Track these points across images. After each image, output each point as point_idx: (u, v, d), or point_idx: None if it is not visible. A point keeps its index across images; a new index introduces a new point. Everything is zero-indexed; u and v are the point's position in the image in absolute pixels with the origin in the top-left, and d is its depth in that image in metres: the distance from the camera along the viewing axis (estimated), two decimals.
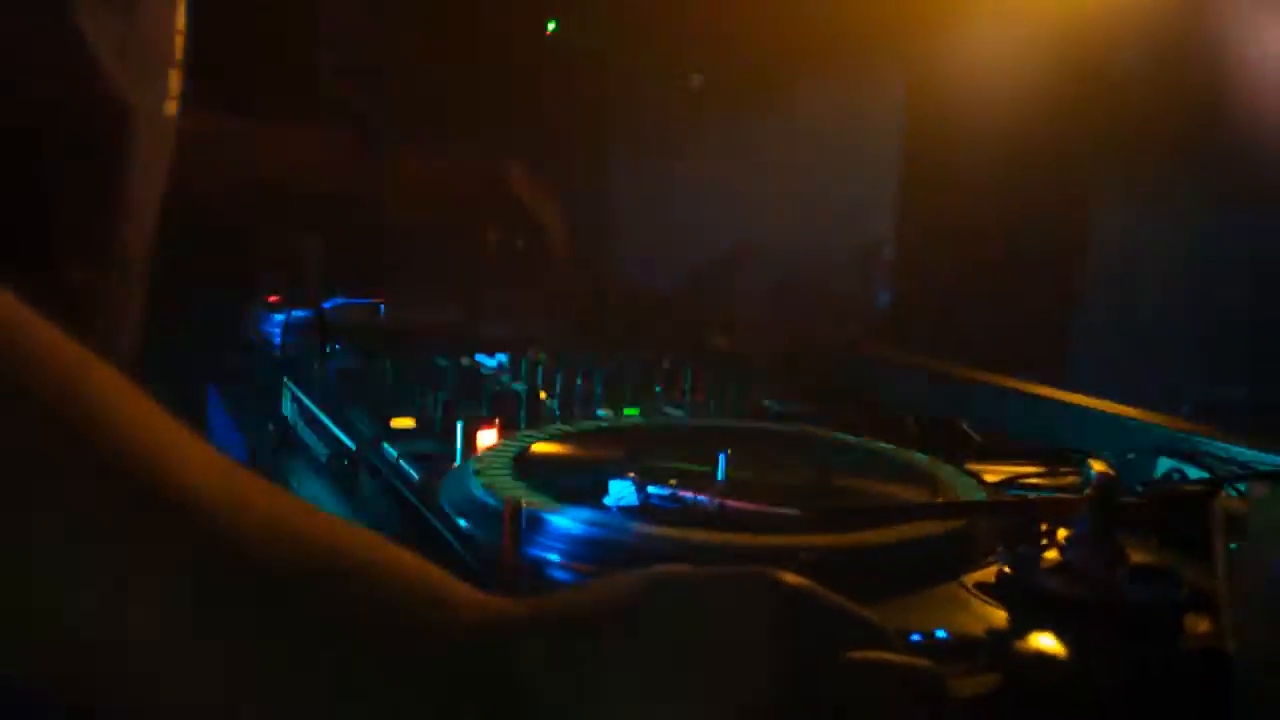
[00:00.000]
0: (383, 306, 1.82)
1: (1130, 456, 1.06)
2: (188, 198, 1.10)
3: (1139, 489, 0.97)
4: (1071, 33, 1.63)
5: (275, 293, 1.77)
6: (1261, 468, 1.00)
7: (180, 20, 0.68)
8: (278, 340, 1.49)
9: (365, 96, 2.22)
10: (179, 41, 0.67)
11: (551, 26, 2.54)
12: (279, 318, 1.54)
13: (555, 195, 0.97)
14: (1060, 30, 1.64)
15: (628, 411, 1.23)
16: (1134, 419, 1.17)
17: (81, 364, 0.44)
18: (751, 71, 2.19)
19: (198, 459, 0.45)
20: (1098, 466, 0.69)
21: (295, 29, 2.17)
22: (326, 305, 1.49)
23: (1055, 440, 1.18)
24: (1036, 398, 1.30)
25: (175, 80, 0.67)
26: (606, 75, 2.53)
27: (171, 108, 0.67)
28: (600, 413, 1.23)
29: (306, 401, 1.30)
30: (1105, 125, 1.62)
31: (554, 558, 0.73)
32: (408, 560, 0.49)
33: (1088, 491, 0.68)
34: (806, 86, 2.15)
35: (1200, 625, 0.65)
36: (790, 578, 0.49)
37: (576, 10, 2.51)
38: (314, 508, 0.49)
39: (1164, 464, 1.07)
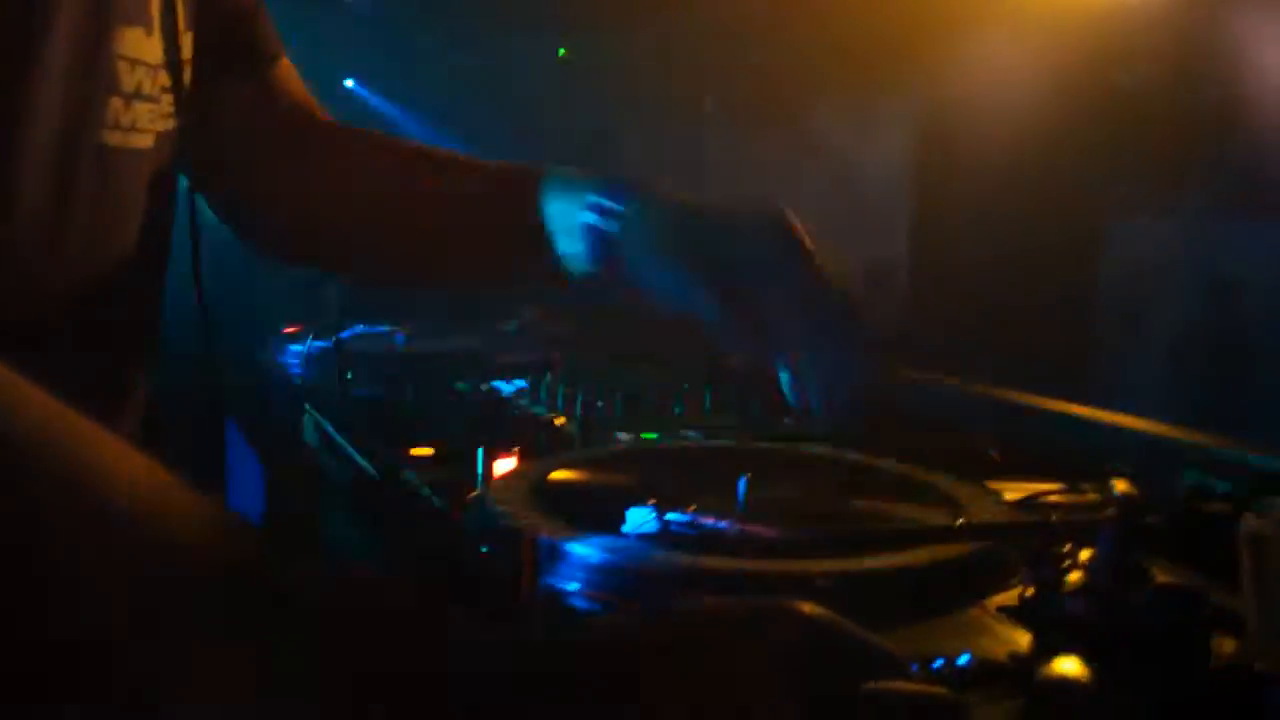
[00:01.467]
0: (400, 335, 1.83)
1: (1152, 470, 1.05)
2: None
3: (1162, 506, 0.96)
4: (1082, 50, 1.63)
5: (293, 323, 1.79)
6: None
7: (134, 49, 0.67)
8: (297, 370, 1.50)
9: None
10: (124, 68, 0.66)
11: (561, 53, 2.56)
12: (298, 348, 1.55)
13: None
14: (1071, 47, 1.64)
15: (646, 435, 1.23)
16: (1155, 433, 1.17)
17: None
18: (763, 93, 2.20)
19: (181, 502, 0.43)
20: (1120, 486, 0.68)
21: None
22: (345, 335, 1.50)
23: (1076, 456, 1.17)
24: (1055, 413, 1.30)
25: (122, 111, 0.66)
26: (616, 98, 2.54)
27: (115, 138, 0.66)
28: (619, 435, 1.23)
29: (329, 429, 1.31)
30: (1117, 139, 1.62)
31: (574, 586, 0.73)
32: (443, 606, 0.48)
33: (1110, 511, 0.67)
34: (819, 107, 2.16)
35: (1227, 646, 0.64)
36: (809, 608, 0.49)
37: (586, 36, 2.53)
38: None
39: (1188, 476, 1.06)
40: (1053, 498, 1.02)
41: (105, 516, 0.40)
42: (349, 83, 2.64)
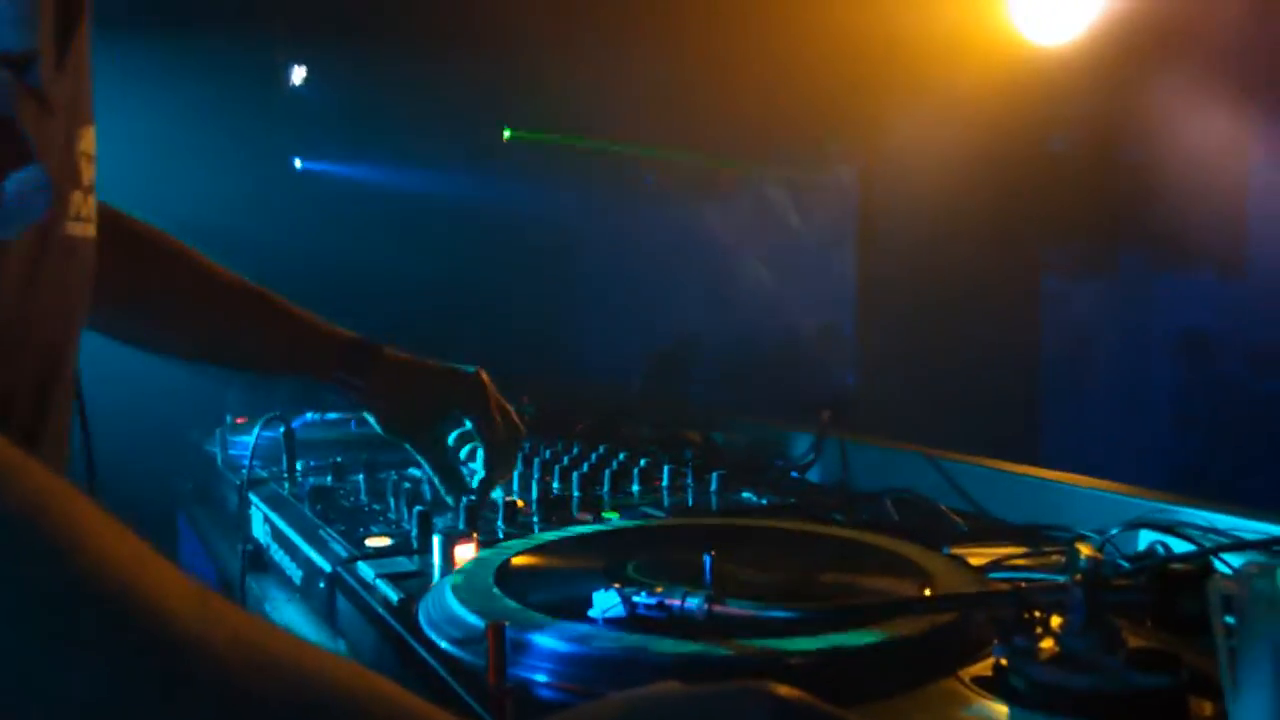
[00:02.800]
0: (354, 422, 1.81)
1: (1114, 531, 1.06)
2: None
3: (1125, 565, 0.97)
4: (1015, 117, 1.68)
5: (241, 413, 1.75)
6: (1245, 534, 0.99)
7: (89, 145, 0.69)
8: (245, 461, 1.47)
9: None
10: (84, 164, 0.68)
11: (506, 134, 2.59)
12: (246, 439, 1.52)
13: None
14: (1004, 115, 1.69)
15: (607, 514, 1.22)
16: (1111, 492, 1.17)
17: (55, 488, 0.44)
18: (701, 166, 2.23)
19: (167, 577, 0.45)
20: (1085, 550, 0.68)
21: None
22: (295, 424, 1.47)
23: (1035, 518, 1.18)
24: (1012, 475, 1.30)
25: (81, 203, 0.68)
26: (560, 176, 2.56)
27: (76, 229, 0.67)
28: (578, 516, 1.21)
29: (278, 522, 1.28)
30: (1050, 201, 1.66)
31: (541, 677, 0.71)
32: (387, 690, 0.48)
33: (1077, 577, 0.67)
34: (759, 178, 2.19)
35: (1205, 708, 0.64)
36: (782, 690, 0.49)
37: (529, 117, 2.56)
38: (288, 633, 0.48)
39: (1146, 536, 1.07)
40: (1016, 561, 1.02)
41: None
42: (298, 163, 2.64)
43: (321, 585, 1.08)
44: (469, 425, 1.21)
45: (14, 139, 0.57)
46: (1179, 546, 1.00)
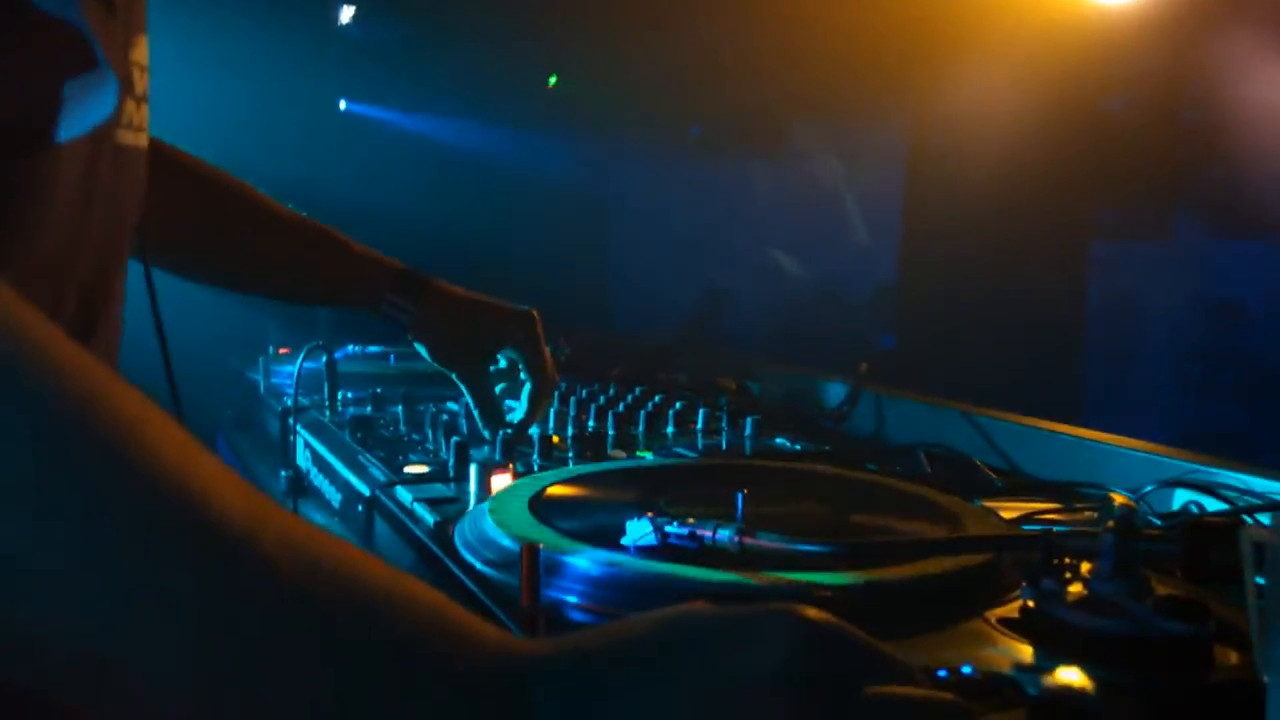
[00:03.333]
0: (393, 356, 1.83)
1: (1148, 489, 1.05)
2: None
3: (1157, 522, 0.97)
4: (1070, 75, 1.65)
5: (284, 343, 1.78)
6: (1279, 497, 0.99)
7: (142, 55, 0.69)
8: (289, 390, 1.49)
9: None
10: (137, 74, 0.69)
11: (552, 81, 2.57)
12: (290, 369, 1.54)
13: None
14: (1059, 73, 1.66)
15: (640, 453, 1.23)
16: (1148, 452, 1.17)
17: (109, 382, 0.45)
18: (750, 120, 2.21)
19: (218, 475, 0.45)
20: (1119, 499, 0.68)
21: None
22: (337, 355, 1.49)
23: (1069, 476, 1.18)
24: (1048, 433, 1.30)
25: (134, 112, 0.69)
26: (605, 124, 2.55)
27: (129, 137, 0.68)
28: (613, 453, 1.22)
29: (320, 449, 1.30)
30: (1104, 163, 1.64)
31: (572, 599, 0.72)
32: (427, 594, 0.48)
33: (1110, 524, 0.67)
34: (809, 134, 2.17)
35: (1230, 657, 0.64)
36: (813, 613, 0.49)
37: (576, 63, 2.55)
38: (332, 534, 0.49)
39: (1181, 496, 1.06)
40: (1048, 517, 1.02)
41: None
42: (343, 104, 2.65)
43: (360, 509, 1.10)
44: (503, 364, 1.23)
45: (82, 44, 0.58)
46: (1213, 507, 1.00)
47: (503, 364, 1.24)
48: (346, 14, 2.72)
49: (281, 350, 1.78)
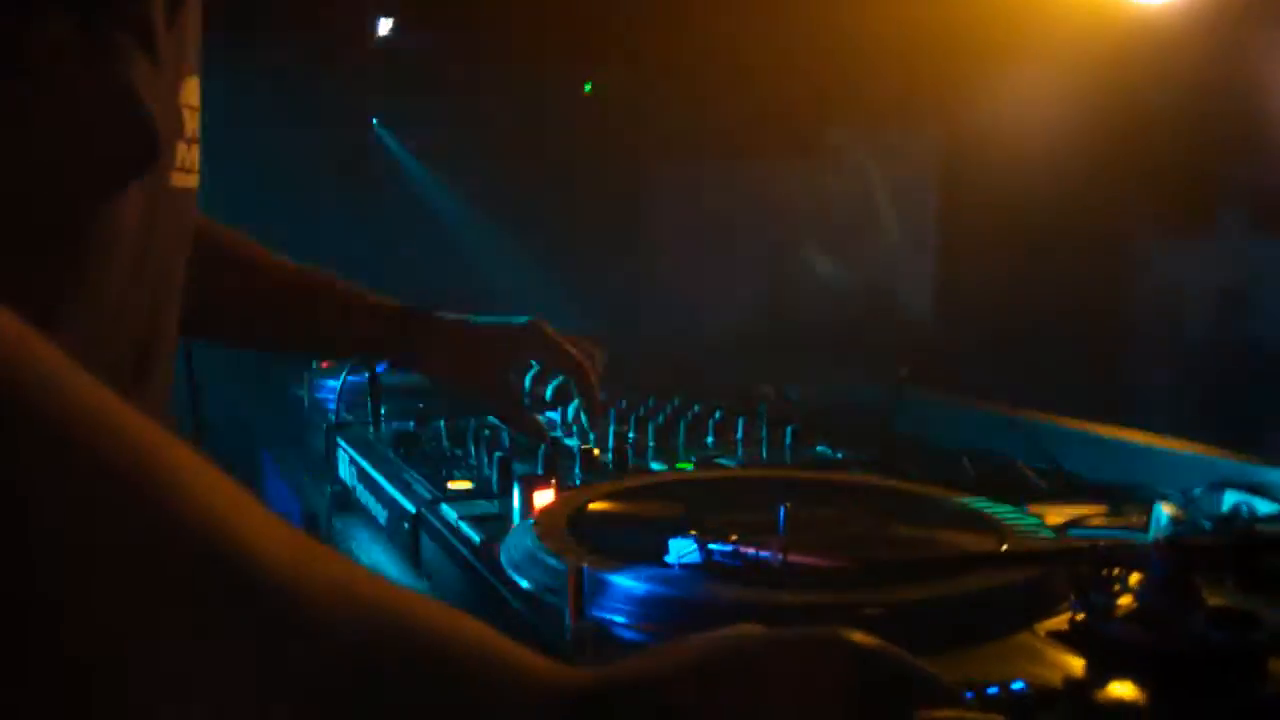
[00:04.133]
0: None
1: (1197, 491, 1.04)
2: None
3: (1207, 525, 0.95)
4: (1109, 72, 1.63)
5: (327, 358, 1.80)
6: None
7: (192, 97, 0.71)
8: (332, 405, 1.51)
9: None
10: (187, 116, 0.70)
11: (587, 88, 2.58)
12: (333, 383, 1.56)
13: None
14: (1098, 70, 1.64)
15: (681, 465, 1.23)
16: (1194, 453, 1.15)
17: (145, 429, 0.43)
18: (789, 124, 2.20)
19: (261, 523, 0.44)
20: (1168, 509, 0.68)
21: None
22: (380, 369, 1.51)
23: (1115, 478, 1.16)
24: (1092, 435, 1.29)
25: (185, 154, 0.70)
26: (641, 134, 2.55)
27: (180, 179, 0.70)
28: (655, 466, 1.23)
29: (364, 465, 1.32)
30: (1145, 160, 1.62)
31: (619, 619, 0.73)
32: (479, 631, 0.48)
33: (1159, 536, 0.67)
34: (846, 135, 2.16)
35: None
36: (861, 637, 0.49)
37: (611, 72, 2.55)
38: (382, 577, 0.49)
39: (1230, 497, 1.05)
40: (1095, 521, 1.01)
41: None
42: (375, 121, 2.67)
43: (406, 526, 1.11)
44: (536, 368, 1.22)
45: (133, 102, 0.59)
46: (1264, 509, 0.98)
47: (535, 366, 1.23)
48: (385, 26, 2.74)
49: (324, 364, 1.80)
